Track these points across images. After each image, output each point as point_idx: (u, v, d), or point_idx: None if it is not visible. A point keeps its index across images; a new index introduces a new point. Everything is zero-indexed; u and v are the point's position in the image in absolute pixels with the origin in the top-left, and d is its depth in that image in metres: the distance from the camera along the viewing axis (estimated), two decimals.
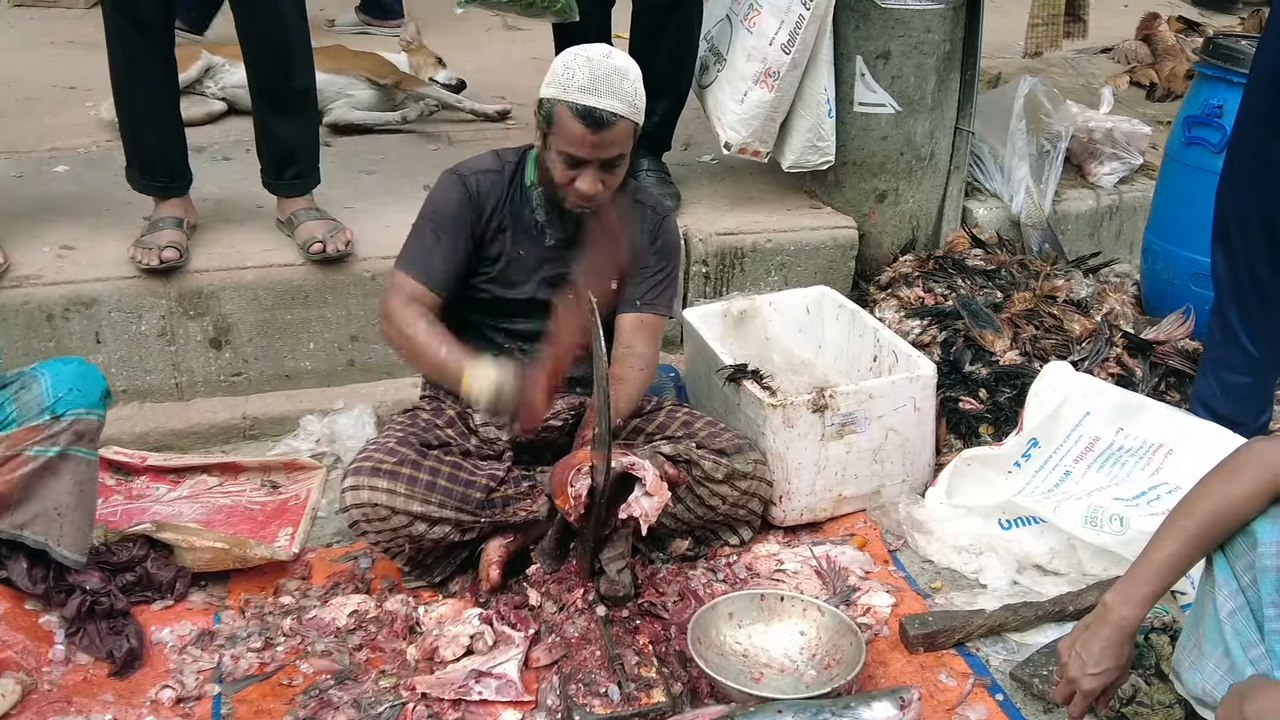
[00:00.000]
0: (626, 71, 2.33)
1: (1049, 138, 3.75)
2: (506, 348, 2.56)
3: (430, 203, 2.51)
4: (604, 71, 2.29)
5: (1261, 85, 2.49)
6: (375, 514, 2.32)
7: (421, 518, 2.33)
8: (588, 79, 2.28)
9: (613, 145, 2.32)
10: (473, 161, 2.56)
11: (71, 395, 2.24)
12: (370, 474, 2.32)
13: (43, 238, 3.12)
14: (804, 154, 3.43)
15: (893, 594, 2.44)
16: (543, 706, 2.09)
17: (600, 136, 2.29)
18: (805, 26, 3.21)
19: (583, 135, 2.29)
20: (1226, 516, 1.78)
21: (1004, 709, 2.13)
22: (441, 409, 2.58)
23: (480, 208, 2.48)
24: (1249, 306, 2.63)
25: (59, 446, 2.23)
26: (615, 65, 2.32)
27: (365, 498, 2.31)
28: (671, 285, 2.63)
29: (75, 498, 2.27)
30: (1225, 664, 1.81)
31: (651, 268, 2.58)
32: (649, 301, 2.58)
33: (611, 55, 2.34)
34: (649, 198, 2.67)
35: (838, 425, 2.62)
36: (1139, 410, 2.66)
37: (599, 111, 2.27)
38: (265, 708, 2.11)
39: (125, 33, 2.86)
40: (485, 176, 2.50)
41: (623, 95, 2.30)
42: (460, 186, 2.48)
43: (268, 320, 3.06)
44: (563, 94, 2.30)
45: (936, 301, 3.22)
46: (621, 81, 2.31)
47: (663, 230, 2.61)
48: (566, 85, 2.30)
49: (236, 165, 3.66)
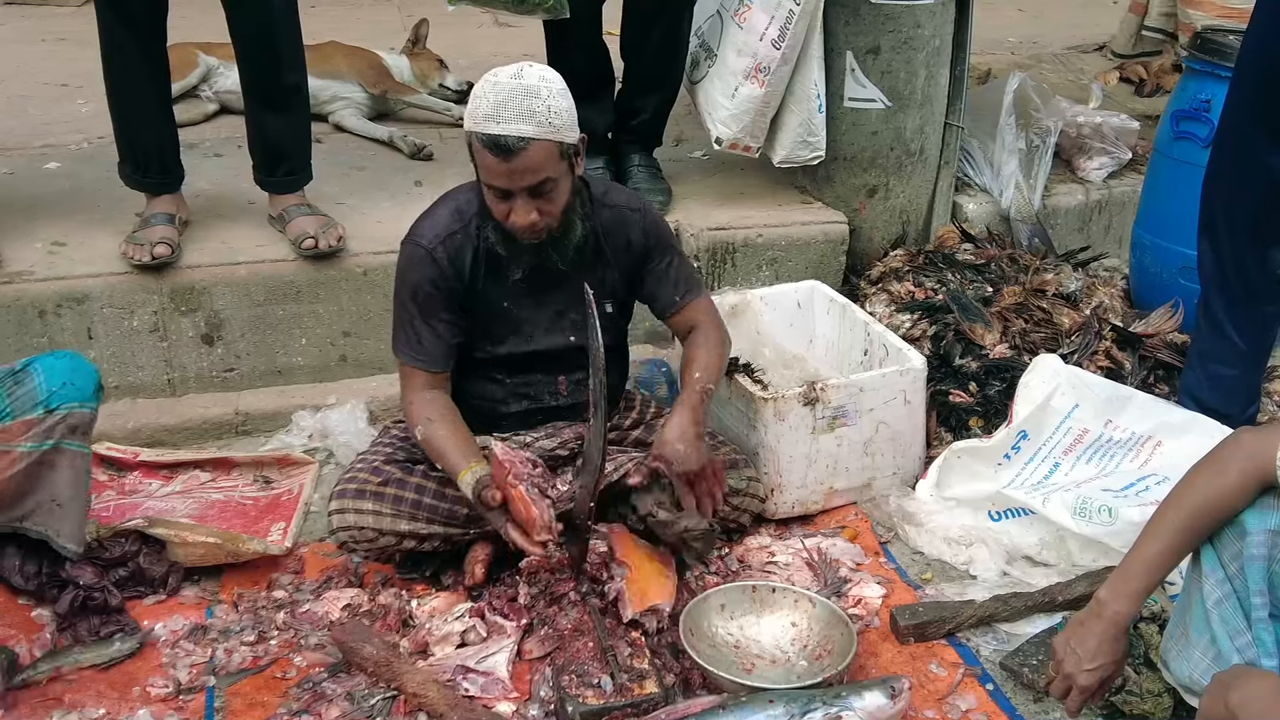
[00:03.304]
0: (537, 90, 2.14)
1: (1038, 133, 3.76)
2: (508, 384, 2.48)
3: (404, 285, 2.36)
4: (509, 94, 2.13)
5: (1246, 78, 2.50)
6: (362, 536, 2.34)
7: (409, 535, 2.35)
8: (491, 105, 2.13)
9: (530, 172, 2.16)
10: (431, 223, 2.37)
11: (65, 389, 2.25)
12: (355, 496, 2.33)
13: (34, 234, 3.12)
14: (795, 149, 3.44)
15: (883, 585, 2.45)
16: (536, 698, 2.10)
17: (512, 164, 2.13)
18: (795, 22, 3.22)
19: (495, 165, 2.15)
20: (1216, 510, 1.79)
21: (994, 698, 2.15)
22: None
23: (458, 274, 2.34)
24: (1235, 299, 2.64)
25: (53, 440, 2.23)
26: (524, 85, 2.14)
27: (351, 521, 2.33)
28: (684, 264, 2.56)
29: (72, 489, 2.27)
30: (1211, 652, 1.82)
31: (662, 263, 2.49)
32: (684, 291, 2.51)
33: (522, 74, 2.16)
34: (621, 197, 2.52)
35: (829, 418, 2.63)
36: (1127, 402, 2.68)
37: (504, 139, 2.11)
38: (259, 700, 2.12)
39: (117, 30, 2.86)
40: (450, 241, 2.33)
41: (531, 116, 2.12)
42: (430, 264, 2.32)
43: (260, 316, 3.07)
44: (473, 124, 2.16)
45: (927, 296, 3.23)
46: (529, 101, 2.13)
47: (648, 225, 2.48)
48: (474, 115, 2.16)
49: (228, 161, 3.66)
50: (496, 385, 2.48)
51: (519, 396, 2.48)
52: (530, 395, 2.48)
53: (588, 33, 3.30)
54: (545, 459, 2.38)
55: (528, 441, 2.46)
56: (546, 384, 2.48)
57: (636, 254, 2.47)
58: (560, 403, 2.50)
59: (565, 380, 2.49)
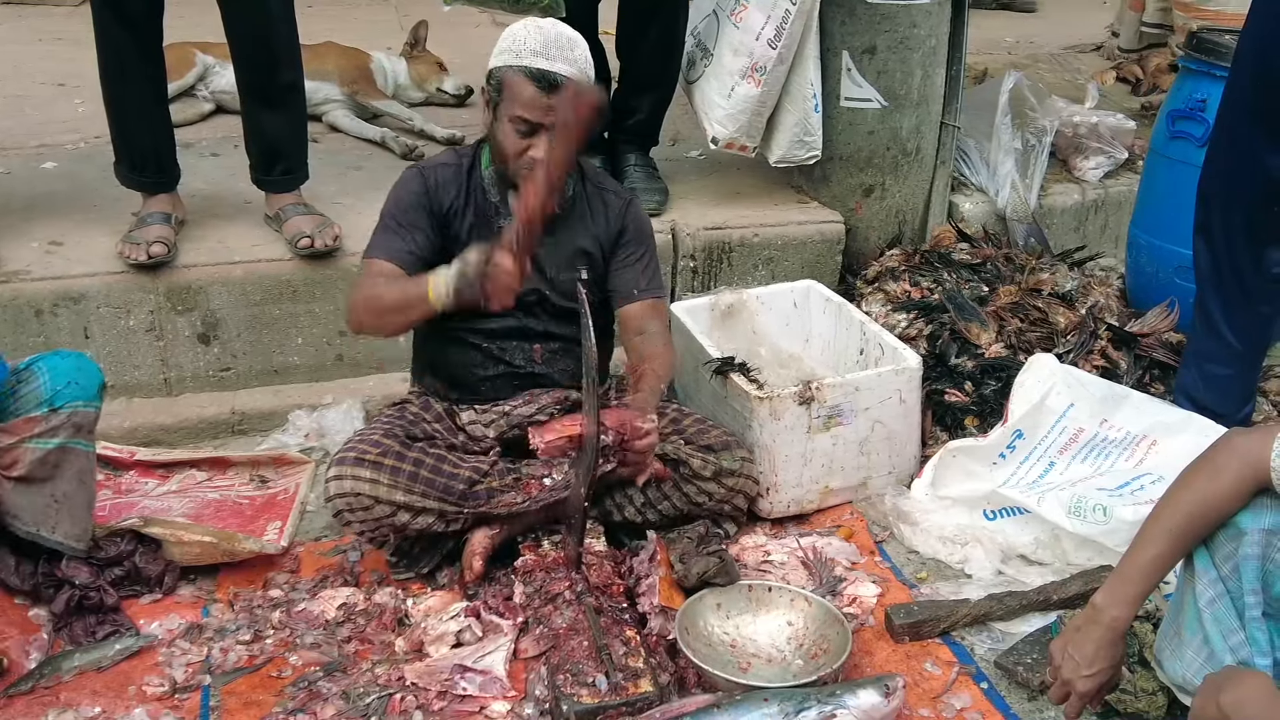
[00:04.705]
0: (576, 40, 2.37)
1: (1034, 132, 3.76)
2: (484, 348, 2.55)
3: (391, 197, 2.53)
4: (554, 36, 2.34)
5: (1241, 78, 2.50)
6: (358, 503, 2.33)
7: (405, 507, 2.34)
8: (540, 44, 2.32)
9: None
10: (433, 158, 2.61)
11: (69, 388, 2.25)
12: (354, 464, 2.34)
13: (31, 234, 3.12)
14: (791, 149, 3.44)
15: (879, 584, 2.45)
16: (531, 697, 2.11)
17: (554, 99, 2.29)
18: (792, 21, 3.22)
19: (536, 98, 2.30)
20: (1211, 513, 1.79)
21: (988, 696, 2.15)
22: (430, 403, 2.59)
23: (439, 198, 2.49)
24: (1230, 298, 2.65)
25: (59, 439, 2.24)
26: (565, 33, 2.36)
27: (348, 487, 2.33)
28: (655, 264, 2.64)
29: (75, 487, 2.28)
30: (1204, 652, 1.83)
31: (633, 254, 2.58)
32: (644, 288, 2.59)
33: (560, 25, 2.38)
34: (610, 183, 2.67)
35: (824, 417, 2.63)
36: (1123, 402, 2.68)
37: (552, 73, 2.30)
38: (254, 699, 2.12)
39: (113, 29, 2.86)
40: (443, 169, 2.52)
41: (574, 61, 2.34)
42: (418, 178, 2.50)
43: (256, 315, 3.07)
44: (515, 59, 2.32)
45: (923, 295, 3.24)
46: (574, 46, 2.35)
47: (630, 214, 2.59)
48: (519, 51, 2.32)
49: (225, 161, 3.66)
50: (473, 350, 2.54)
51: (494, 360, 2.55)
52: (505, 359, 2.54)
53: (583, 32, 3.26)
54: (524, 425, 2.50)
55: (507, 410, 2.55)
56: (521, 349, 2.55)
57: (613, 232, 2.57)
58: (536, 370, 2.57)
59: (541, 349, 2.57)
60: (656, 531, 2.44)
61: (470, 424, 2.55)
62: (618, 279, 2.58)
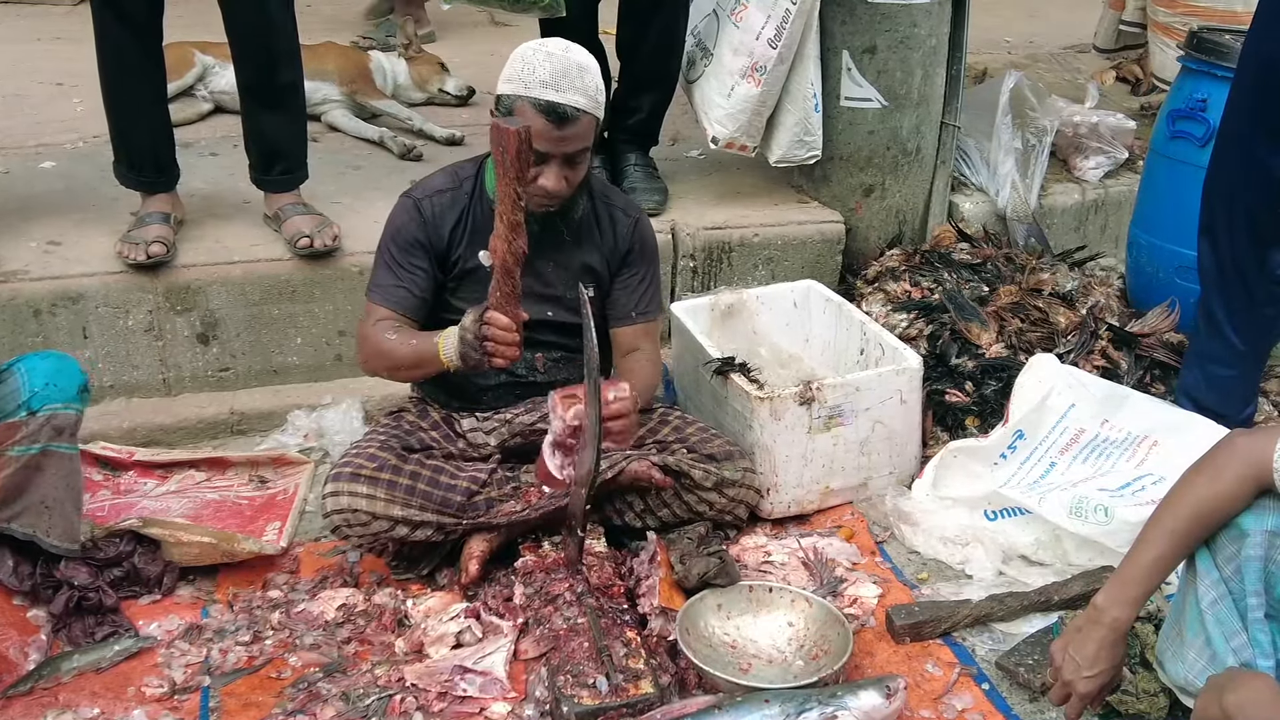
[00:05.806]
0: (587, 66, 2.33)
1: (1034, 132, 3.76)
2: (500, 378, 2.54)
3: (388, 230, 2.50)
4: (565, 66, 2.29)
5: (1246, 79, 2.50)
6: (356, 519, 2.33)
7: (403, 521, 2.34)
8: (549, 74, 2.28)
9: (576, 139, 2.32)
10: (426, 183, 2.55)
11: (47, 390, 2.24)
12: (350, 479, 2.34)
13: (29, 233, 3.12)
14: (791, 149, 3.44)
15: (879, 585, 2.45)
16: (531, 698, 2.10)
17: (564, 131, 2.28)
18: (792, 21, 3.22)
19: (546, 130, 2.27)
20: (1212, 515, 1.79)
21: (990, 697, 2.15)
22: (427, 411, 2.59)
23: (438, 231, 2.46)
24: (1234, 299, 2.65)
25: (40, 444, 2.23)
26: (576, 60, 2.32)
27: (345, 504, 2.33)
28: (657, 286, 2.65)
29: (62, 490, 2.27)
30: (1207, 654, 1.82)
31: (637, 274, 2.59)
32: (643, 310, 2.61)
33: (570, 50, 2.34)
34: (619, 199, 2.65)
35: (825, 418, 2.63)
36: (1124, 402, 2.68)
37: (562, 106, 2.27)
38: (254, 700, 2.11)
39: (112, 28, 2.85)
40: (439, 198, 2.48)
41: (585, 90, 2.30)
42: (414, 212, 2.47)
43: (255, 315, 3.06)
44: (524, 89, 2.29)
45: (923, 295, 3.23)
46: (583, 76, 2.30)
47: (638, 233, 2.59)
48: (528, 81, 2.29)
49: (224, 161, 3.65)
50: None
51: (495, 370, 2.51)
52: (507, 369, 2.51)
53: (584, 31, 3.29)
54: (526, 433, 2.51)
55: (509, 418, 2.55)
56: (523, 359, 2.49)
57: (620, 251, 2.56)
58: (538, 378, 2.56)
59: (543, 358, 2.56)
60: (657, 532, 2.44)
61: (471, 431, 2.54)
62: (617, 300, 2.59)
